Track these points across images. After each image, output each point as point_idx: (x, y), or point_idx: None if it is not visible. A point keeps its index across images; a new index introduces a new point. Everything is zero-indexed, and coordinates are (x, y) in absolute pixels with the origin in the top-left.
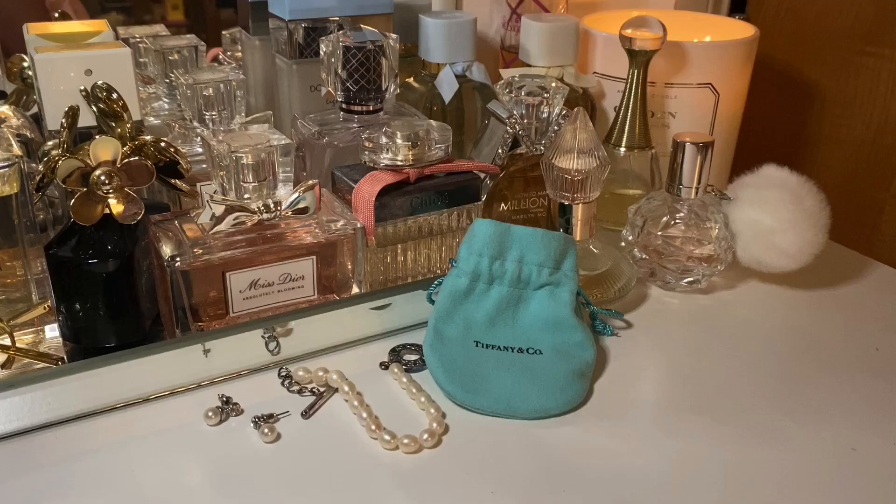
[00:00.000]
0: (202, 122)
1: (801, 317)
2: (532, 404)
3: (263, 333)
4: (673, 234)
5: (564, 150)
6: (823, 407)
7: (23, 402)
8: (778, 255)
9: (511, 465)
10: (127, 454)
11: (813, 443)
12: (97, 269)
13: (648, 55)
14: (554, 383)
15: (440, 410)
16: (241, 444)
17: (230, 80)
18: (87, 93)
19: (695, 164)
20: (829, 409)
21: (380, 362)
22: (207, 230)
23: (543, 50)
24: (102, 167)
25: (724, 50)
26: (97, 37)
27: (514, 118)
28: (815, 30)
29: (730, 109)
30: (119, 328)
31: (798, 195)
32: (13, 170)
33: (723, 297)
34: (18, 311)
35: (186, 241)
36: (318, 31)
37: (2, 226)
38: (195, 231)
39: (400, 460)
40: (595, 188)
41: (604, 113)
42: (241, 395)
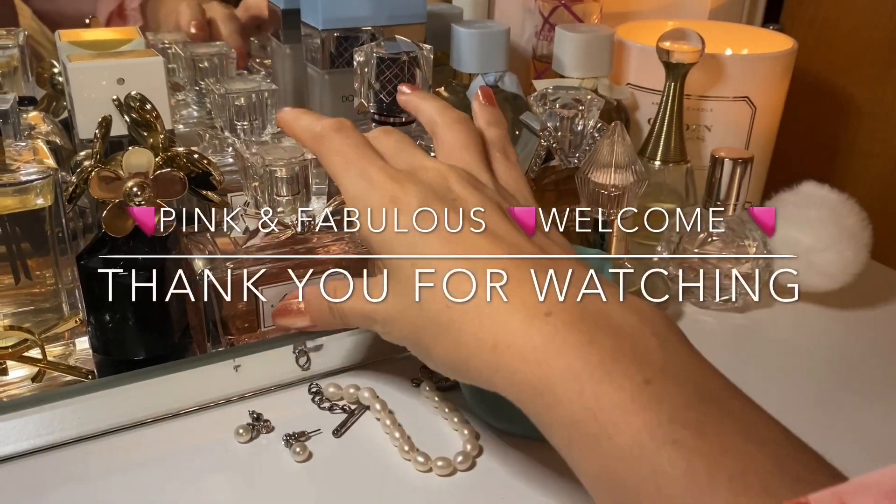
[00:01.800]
0: (233, 132)
1: (839, 337)
2: None
3: (294, 349)
4: (709, 251)
5: (601, 164)
6: (862, 431)
7: (53, 417)
8: (817, 274)
9: (548, 489)
10: (158, 471)
11: (853, 469)
12: (128, 282)
13: (686, 68)
14: None
15: (474, 432)
16: (273, 462)
17: (262, 90)
18: (119, 102)
19: (733, 181)
20: (869, 435)
21: (411, 379)
22: (240, 244)
23: (578, 61)
24: (135, 179)
25: (762, 63)
26: (129, 44)
27: (547, 130)
28: (851, 42)
29: (766, 123)
30: (148, 340)
31: (838, 213)
32: (48, 182)
33: (758, 317)
34: (50, 325)
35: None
36: (350, 41)
37: (34, 236)
38: (227, 244)
39: (433, 483)
40: (631, 203)
41: (637, 125)
42: (271, 410)
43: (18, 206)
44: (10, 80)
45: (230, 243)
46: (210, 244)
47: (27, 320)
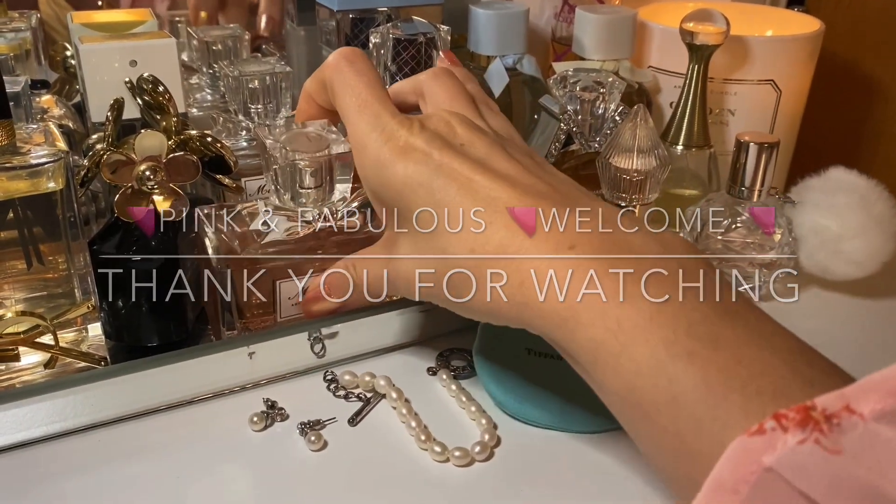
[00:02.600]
0: (247, 116)
1: (865, 327)
2: (588, 417)
3: (309, 336)
4: (733, 238)
5: (623, 149)
6: None
7: (65, 404)
8: (845, 262)
9: (567, 480)
10: (171, 459)
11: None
12: (140, 267)
13: (710, 50)
14: None
15: (492, 422)
16: (287, 451)
17: (276, 72)
18: (132, 84)
19: (759, 166)
20: None
21: (427, 367)
22: (260, 239)
23: (599, 43)
24: (147, 162)
25: (788, 45)
26: (142, 26)
27: (567, 114)
28: (879, 22)
29: (791, 107)
30: (162, 326)
31: (867, 200)
32: (59, 165)
33: (782, 305)
34: (62, 310)
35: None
36: (365, 22)
37: (46, 221)
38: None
39: (450, 473)
40: (654, 189)
41: (659, 109)
42: (285, 398)
43: (30, 190)
44: (22, 64)
45: (246, 223)
46: (226, 224)
47: (40, 306)
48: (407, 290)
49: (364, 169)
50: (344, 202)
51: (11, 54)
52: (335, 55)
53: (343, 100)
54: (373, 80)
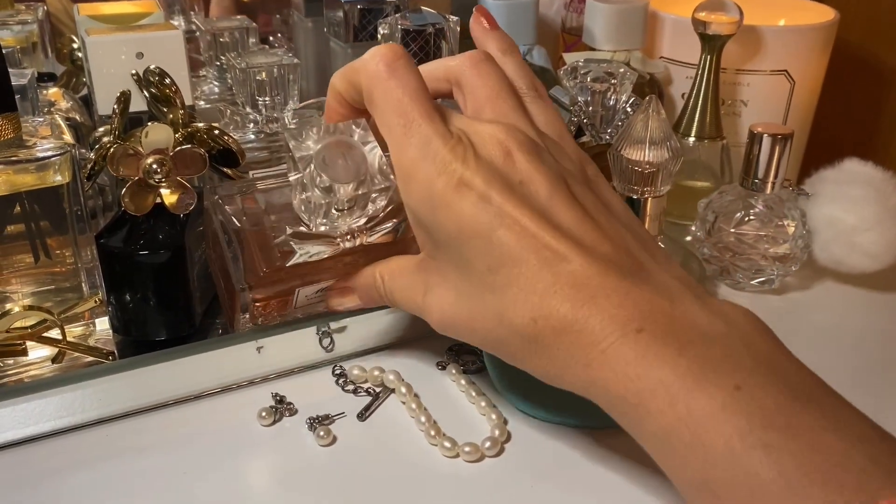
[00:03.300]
0: (255, 108)
1: (880, 321)
2: (597, 412)
3: (317, 330)
4: (746, 230)
5: (634, 140)
6: None
7: (73, 398)
8: (859, 255)
9: (577, 476)
10: (179, 453)
11: None
12: (148, 260)
13: (723, 40)
14: None
15: (502, 417)
16: (296, 446)
17: (284, 64)
18: (138, 77)
19: (772, 158)
20: None
21: (437, 362)
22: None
23: (610, 33)
24: (154, 155)
25: (802, 35)
26: (147, 18)
27: (578, 105)
28: (894, 12)
29: (805, 98)
30: (170, 320)
31: (882, 192)
32: (65, 158)
33: (796, 299)
34: (69, 305)
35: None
36: (373, 13)
37: (53, 214)
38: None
39: (460, 469)
40: (666, 181)
41: (671, 100)
42: (294, 393)
43: (37, 183)
44: (29, 56)
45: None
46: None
47: (47, 300)
48: (440, 328)
49: (410, 198)
50: (376, 220)
51: (18, 47)
52: (373, 58)
53: (385, 116)
54: (417, 91)
